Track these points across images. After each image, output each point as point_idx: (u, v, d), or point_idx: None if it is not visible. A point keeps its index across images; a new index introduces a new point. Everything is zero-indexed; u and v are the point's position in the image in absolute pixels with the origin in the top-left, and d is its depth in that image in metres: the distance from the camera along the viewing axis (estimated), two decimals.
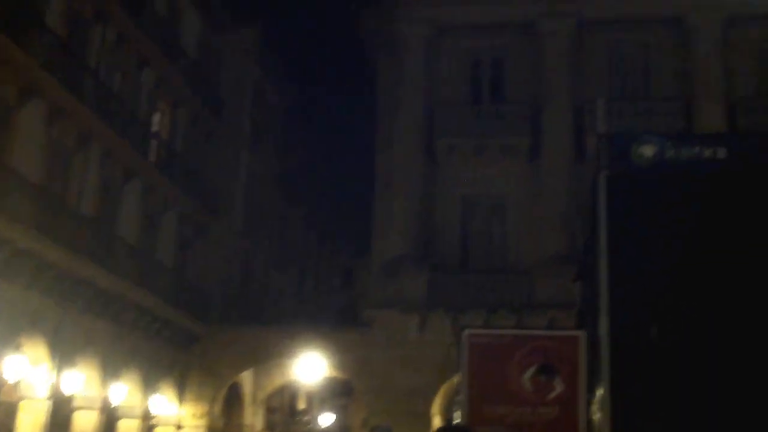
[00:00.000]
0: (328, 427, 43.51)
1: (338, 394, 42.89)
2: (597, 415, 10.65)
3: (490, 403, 12.74)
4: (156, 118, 30.04)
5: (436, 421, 28.54)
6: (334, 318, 32.13)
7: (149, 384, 27.91)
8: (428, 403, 27.50)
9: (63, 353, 23.27)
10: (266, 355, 30.56)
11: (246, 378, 33.31)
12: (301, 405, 44.02)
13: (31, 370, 22.33)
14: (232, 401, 33.27)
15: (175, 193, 29.96)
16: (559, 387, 12.55)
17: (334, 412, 44.19)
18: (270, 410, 38.45)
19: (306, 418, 43.75)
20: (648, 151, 9.72)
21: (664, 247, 9.58)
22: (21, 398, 22.98)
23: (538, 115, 28.91)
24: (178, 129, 31.49)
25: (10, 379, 21.24)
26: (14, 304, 21.03)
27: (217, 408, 31.14)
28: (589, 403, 11.93)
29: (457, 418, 13.03)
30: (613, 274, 9.54)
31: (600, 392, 10.02)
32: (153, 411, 28.57)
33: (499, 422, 12.63)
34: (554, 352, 12.81)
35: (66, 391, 23.51)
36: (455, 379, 14.05)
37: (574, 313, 15.33)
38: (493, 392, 12.79)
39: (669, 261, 9.56)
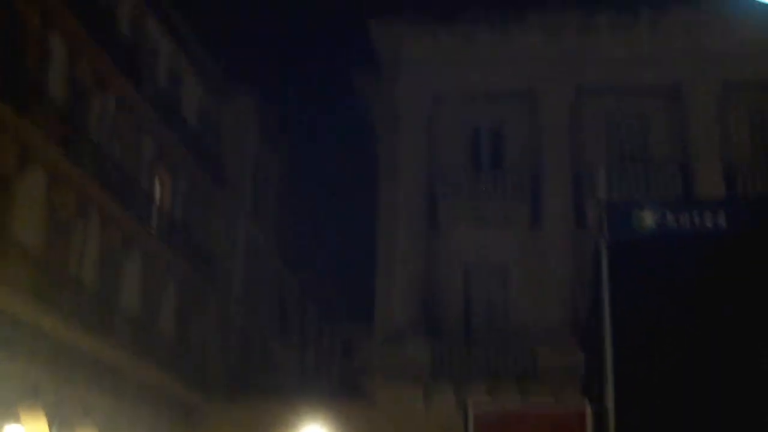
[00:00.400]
0: None
1: None
2: None
3: None
4: (156, 185, 30.11)
5: None
6: (335, 388, 31.79)
7: None
8: None
9: (62, 425, 22.98)
10: (268, 427, 30.14)
11: None
12: None
13: None
14: None
15: (176, 262, 29.90)
16: None
17: None
18: None
19: None
20: (649, 218, 9.70)
21: (668, 314, 9.52)
22: None
23: (537, 181, 28.97)
24: (179, 197, 31.54)
25: None
26: (13, 375, 20.83)
27: None
28: None
29: None
30: (617, 343, 9.45)
31: None
32: None
33: None
34: (559, 425, 12.65)
35: None
36: None
37: (579, 383, 15.16)
38: None
39: (672, 328, 9.49)
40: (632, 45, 28.99)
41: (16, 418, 21.52)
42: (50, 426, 22.61)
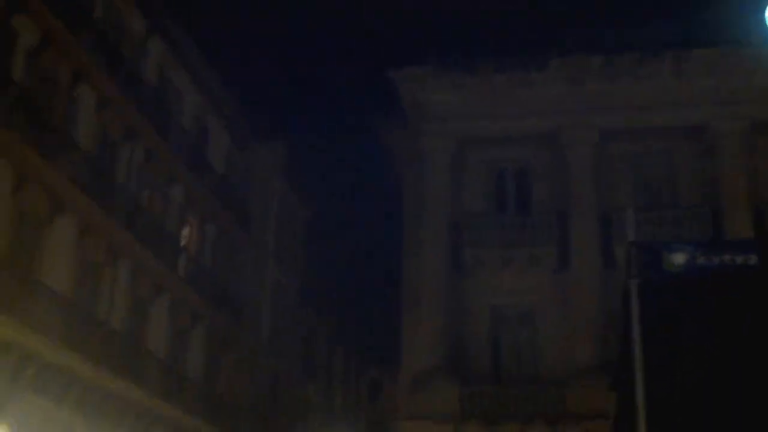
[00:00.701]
0: None
1: None
2: None
3: None
4: (185, 232, 30.39)
5: None
6: (363, 430, 31.68)
7: None
8: None
9: None
10: None
11: None
12: None
13: None
14: None
15: (204, 307, 30.09)
16: None
17: None
18: None
19: None
20: (679, 258, 9.73)
21: (699, 353, 9.51)
22: None
23: (564, 224, 28.91)
24: (206, 243, 31.81)
25: None
26: (45, 418, 21.03)
27: None
28: None
29: None
30: (648, 383, 9.45)
31: None
32: None
33: None
34: None
35: None
36: None
37: (610, 425, 15.07)
38: None
39: (704, 369, 9.48)
40: (656, 87, 28.97)
41: None
42: None
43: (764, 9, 24.83)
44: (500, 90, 29.84)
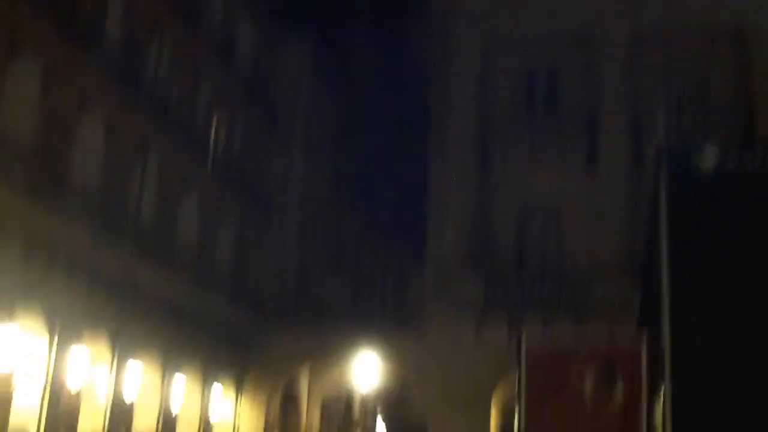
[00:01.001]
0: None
1: (394, 396, 42.97)
2: (659, 418, 10.66)
3: (549, 409, 12.78)
4: (212, 127, 30.47)
5: (494, 424, 28.57)
6: (389, 322, 32.22)
7: (208, 383, 28.36)
8: (486, 406, 27.51)
9: (124, 352, 23.79)
10: (322, 357, 30.84)
11: (303, 379, 33.65)
12: (357, 407, 44.19)
13: (93, 369, 22.85)
14: (289, 401, 33.64)
15: (232, 201, 30.37)
16: (620, 394, 12.54)
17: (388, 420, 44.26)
18: (326, 411, 38.72)
19: (361, 419, 43.90)
20: (709, 159, 9.70)
21: (726, 254, 9.58)
22: (83, 398, 23.52)
23: (594, 124, 28.75)
24: (235, 139, 31.90)
25: (73, 378, 21.69)
26: (76, 305, 21.54)
27: (274, 408, 31.54)
28: (650, 410, 11.92)
29: (515, 423, 13.08)
30: (674, 285, 9.55)
31: (662, 400, 10.03)
32: (211, 408, 28.98)
33: (558, 428, 12.67)
34: (615, 359, 12.80)
35: (126, 391, 24.00)
36: (513, 380, 14.03)
37: (635, 321, 15.28)
38: (551, 398, 12.83)
39: (730, 267, 9.56)
40: None
41: (80, 344, 22.30)
42: (112, 350, 23.42)
43: None
44: None
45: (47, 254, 20.36)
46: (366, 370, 28.99)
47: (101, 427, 23.02)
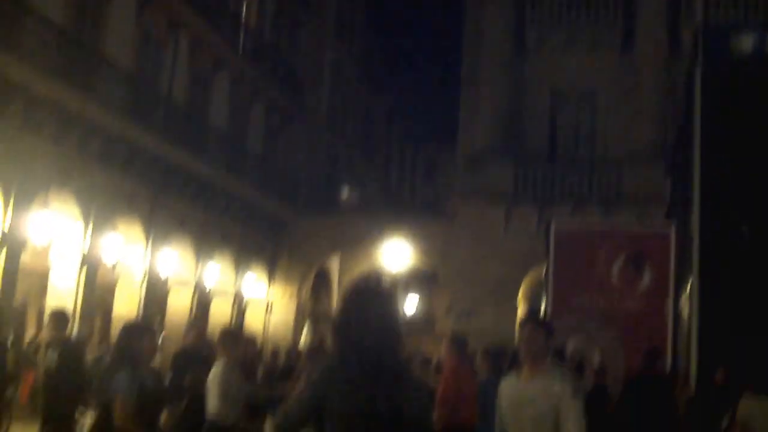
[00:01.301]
0: (412, 314, 44.28)
1: (422, 281, 43.48)
2: (685, 308, 10.71)
3: (577, 294, 12.87)
4: (244, 8, 30.08)
5: (522, 311, 28.86)
6: (418, 209, 32.32)
7: (240, 266, 28.74)
8: (513, 293, 27.75)
9: (157, 235, 24.12)
10: (352, 241, 31.07)
11: (333, 262, 34.03)
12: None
13: (127, 251, 23.24)
14: (320, 284, 34.11)
15: (263, 83, 30.21)
16: (647, 279, 12.60)
17: (418, 299, 44.86)
18: None
19: None
20: (746, 43, 9.51)
21: (760, 140, 9.44)
22: (118, 278, 23.99)
23: (631, 5, 28.12)
24: (266, 19, 31.53)
25: (108, 260, 22.11)
26: (110, 188, 21.74)
27: (306, 291, 32.02)
28: (677, 296, 11.96)
29: (542, 307, 13.22)
30: (706, 170, 9.46)
31: (689, 286, 10.05)
32: (244, 291, 29.48)
33: (586, 312, 12.78)
34: (643, 244, 12.81)
35: (161, 272, 24.43)
36: (541, 269, 14.11)
37: (665, 207, 15.22)
38: (579, 283, 12.91)
39: (764, 153, 9.43)
40: None
41: (114, 227, 22.62)
42: (146, 235, 23.76)
43: None
44: None
45: (81, 138, 20.44)
46: (395, 255, 29.25)
47: (136, 306, 23.49)
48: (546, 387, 5.69)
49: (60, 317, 10.80)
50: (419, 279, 42.69)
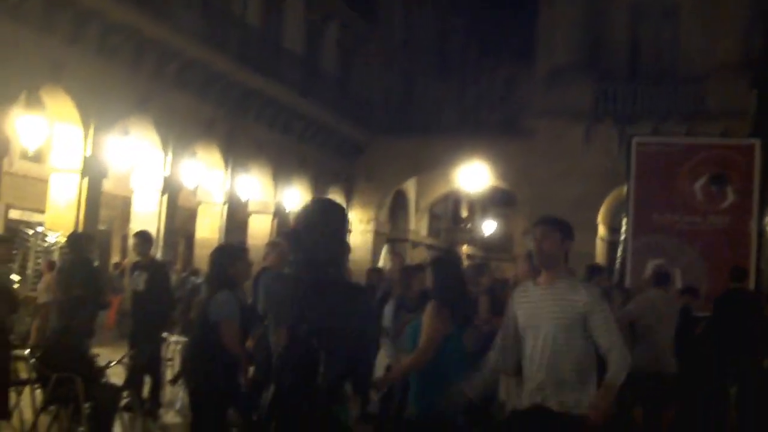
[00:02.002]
0: (490, 235, 44.24)
1: (500, 203, 43.29)
2: None
3: (659, 212, 12.64)
4: None
5: (602, 231, 28.55)
6: (495, 129, 31.90)
7: (318, 190, 28.88)
8: (593, 213, 27.43)
9: (236, 160, 24.34)
10: (429, 163, 30.97)
11: (410, 186, 34.03)
12: (464, 213, 44.76)
13: (207, 176, 23.53)
14: (398, 208, 34.20)
15: (337, 4, 29.93)
16: (731, 196, 12.31)
17: (496, 221, 44.76)
18: (434, 217, 39.34)
19: (468, 225, 44.55)
20: None
21: None
22: (199, 203, 24.35)
23: None
24: None
25: (188, 184, 22.43)
26: (188, 113, 21.93)
27: (383, 214, 32.14)
28: (761, 214, 11.68)
29: (623, 227, 13.00)
30: None
31: None
32: None
33: (668, 231, 12.55)
34: (727, 160, 12.48)
35: (241, 196, 24.71)
36: (622, 188, 13.85)
37: (749, 122, 14.80)
38: (661, 201, 12.66)
39: None
40: None
41: (193, 154, 22.90)
42: (225, 159, 23.99)
43: None
44: None
45: (157, 63, 20.58)
46: (473, 176, 29.05)
47: (218, 230, 23.83)
48: (569, 292, 5.27)
49: (144, 237, 10.87)
50: (497, 200, 42.55)
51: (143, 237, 10.87)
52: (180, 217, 23.74)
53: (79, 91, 18.06)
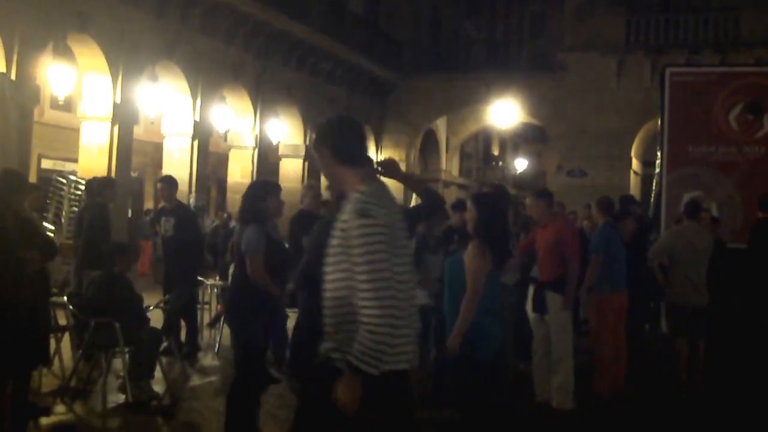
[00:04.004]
0: (522, 173, 44.04)
1: (532, 139, 43.01)
2: None
3: (694, 144, 12.49)
4: None
5: (635, 165, 28.29)
6: (526, 65, 31.55)
7: None
8: (626, 147, 27.18)
9: (265, 103, 24.26)
10: (459, 102, 30.75)
11: (441, 125, 33.84)
12: (495, 151, 44.54)
13: (237, 121, 23.51)
14: (428, 147, 34.06)
15: None
16: (766, 125, 12.14)
17: (528, 158, 44.54)
18: (465, 156, 39.17)
19: (500, 163, 44.36)
20: None
21: None
22: (230, 148, 24.37)
23: None
24: None
25: (218, 128, 22.44)
26: (215, 58, 21.85)
27: (414, 154, 32.02)
28: None
29: (657, 160, 12.86)
30: None
31: None
32: None
33: (703, 162, 12.41)
34: (763, 88, 12.28)
35: (271, 140, 24.68)
36: (656, 120, 13.68)
37: None
38: (696, 132, 12.51)
39: None
40: None
41: (222, 99, 22.86)
42: (254, 103, 23.92)
43: None
44: None
45: (182, 8, 20.46)
46: (504, 114, 28.83)
47: (249, 174, 23.84)
48: None
49: (169, 182, 10.81)
50: (528, 137, 42.26)
51: (168, 182, 10.82)
52: (211, 163, 23.77)
53: (106, 39, 18.01)
